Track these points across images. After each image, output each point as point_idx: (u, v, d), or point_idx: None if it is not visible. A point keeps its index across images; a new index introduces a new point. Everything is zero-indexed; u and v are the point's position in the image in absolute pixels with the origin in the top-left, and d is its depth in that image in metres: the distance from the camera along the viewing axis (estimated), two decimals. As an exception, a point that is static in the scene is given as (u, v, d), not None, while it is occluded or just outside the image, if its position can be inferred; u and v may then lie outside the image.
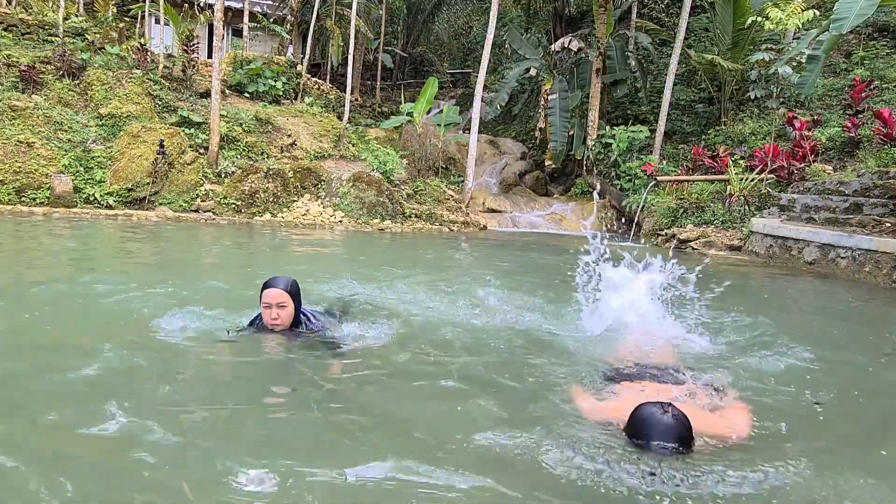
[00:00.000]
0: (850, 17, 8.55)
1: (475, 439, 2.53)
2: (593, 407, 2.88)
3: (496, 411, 2.92)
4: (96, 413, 2.58)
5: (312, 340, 3.68)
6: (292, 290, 3.62)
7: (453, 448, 2.50)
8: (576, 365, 3.72)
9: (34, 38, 15.49)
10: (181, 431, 2.51)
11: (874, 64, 15.54)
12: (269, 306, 3.56)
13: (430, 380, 3.37)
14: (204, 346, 3.67)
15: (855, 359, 4.35)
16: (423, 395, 3.19)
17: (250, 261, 8.35)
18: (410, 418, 2.85)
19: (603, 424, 2.69)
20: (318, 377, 3.29)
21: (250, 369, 3.47)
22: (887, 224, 8.46)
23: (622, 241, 13.17)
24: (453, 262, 9.49)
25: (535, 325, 4.74)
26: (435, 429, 2.72)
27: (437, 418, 2.87)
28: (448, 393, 3.16)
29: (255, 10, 21.30)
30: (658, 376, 3.20)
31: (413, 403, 3.06)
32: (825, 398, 3.36)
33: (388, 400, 3.09)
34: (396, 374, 3.45)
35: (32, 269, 6.45)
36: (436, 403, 3.05)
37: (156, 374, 3.16)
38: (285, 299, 3.56)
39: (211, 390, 3.14)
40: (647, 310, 4.27)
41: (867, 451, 2.76)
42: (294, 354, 3.55)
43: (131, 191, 12.12)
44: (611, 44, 17.25)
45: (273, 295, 3.56)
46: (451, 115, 18.19)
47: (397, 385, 3.31)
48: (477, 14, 28.97)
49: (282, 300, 3.55)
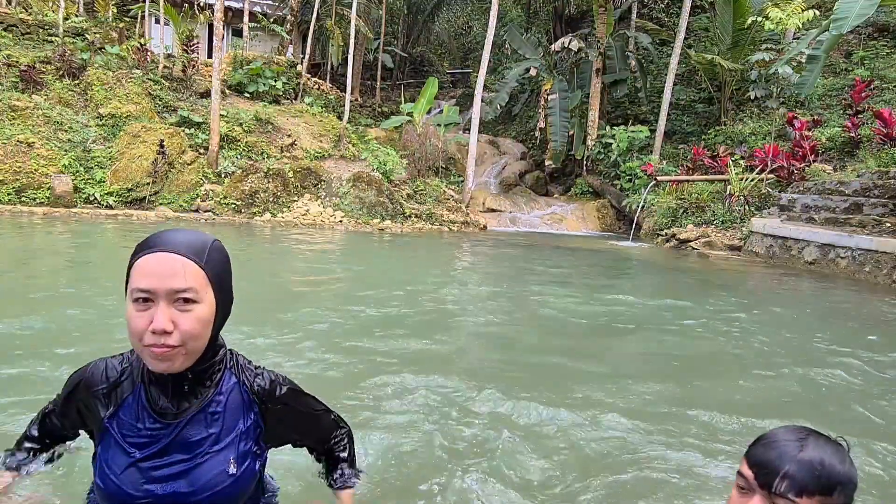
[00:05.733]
0: (850, 17, 8.56)
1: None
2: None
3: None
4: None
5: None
6: (213, 269, 1.23)
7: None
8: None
9: (34, 38, 15.48)
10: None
11: (874, 64, 15.54)
12: (145, 300, 1.16)
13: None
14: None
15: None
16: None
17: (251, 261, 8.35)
18: None
19: None
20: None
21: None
22: (887, 224, 8.45)
23: (622, 241, 13.17)
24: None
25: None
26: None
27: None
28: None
29: (255, 10, 21.29)
30: None
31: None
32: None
33: None
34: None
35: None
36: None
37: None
38: (194, 285, 1.18)
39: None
40: None
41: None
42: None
43: (131, 191, 12.12)
44: (611, 44, 17.26)
45: (161, 271, 1.16)
46: (451, 115, 18.20)
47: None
48: (477, 14, 28.95)
49: (184, 286, 1.16)
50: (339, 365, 3.65)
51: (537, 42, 21.30)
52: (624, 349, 4.60)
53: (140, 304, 1.15)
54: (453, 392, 3.27)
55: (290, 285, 6.56)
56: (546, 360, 4.11)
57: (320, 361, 3.69)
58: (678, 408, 3.22)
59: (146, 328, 1.14)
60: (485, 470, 2.42)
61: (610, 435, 2.83)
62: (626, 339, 4.89)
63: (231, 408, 1.30)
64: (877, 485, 2.47)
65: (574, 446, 2.70)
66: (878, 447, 2.78)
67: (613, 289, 7.41)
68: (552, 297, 6.35)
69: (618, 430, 2.88)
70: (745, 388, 3.64)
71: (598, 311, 5.84)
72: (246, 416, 1.32)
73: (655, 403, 3.29)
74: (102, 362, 1.34)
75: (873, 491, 2.39)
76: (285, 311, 4.91)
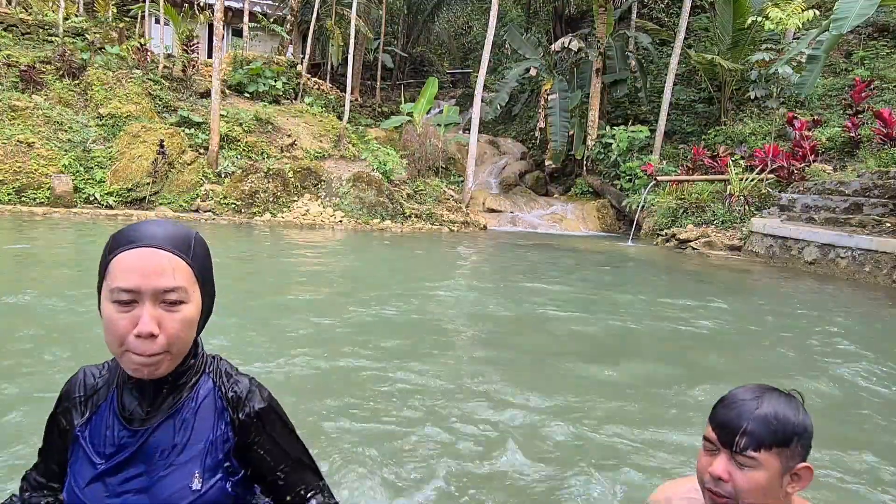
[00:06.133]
0: (850, 17, 8.55)
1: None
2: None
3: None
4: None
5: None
6: (199, 265, 1.13)
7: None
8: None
9: (34, 38, 15.48)
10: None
11: (874, 64, 15.54)
12: (128, 302, 1.05)
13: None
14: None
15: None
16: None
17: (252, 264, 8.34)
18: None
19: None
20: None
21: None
22: (887, 224, 8.45)
23: (622, 241, 13.17)
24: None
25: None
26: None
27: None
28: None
29: (255, 10, 21.29)
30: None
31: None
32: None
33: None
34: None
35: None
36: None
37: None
38: (183, 283, 1.08)
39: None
40: None
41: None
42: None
43: (131, 191, 12.12)
44: (611, 44, 17.25)
45: (145, 268, 1.05)
46: (451, 115, 18.20)
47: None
48: (477, 14, 28.96)
49: (172, 285, 1.06)
50: (340, 365, 3.65)
51: (537, 42, 21.30)
52: (624, 349, 4.60)
53: (121, 306, 1.03)
54: (453, 392, 3.27)
55: (290, 285, 6.56)
56: (546, 360, 4.11)
57: (320, 362, 3.68)
58: (678, 410, 3.22)
59: (129, 331, 1.03)
60: (484, 469, 2.42)
61: (609, 433, 2.83)
62: (626, 340, 4.89)
63: (202, 415, 1.16)
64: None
65: (574, 446, 2.70)
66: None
67: (613, 289, 7.41)
68: (552, 297, 6.35)
69: (612, 426, 2.88)
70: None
71: (598, 311, 5.84)
72: (216, 426, 1.16)
73: (655, 404, 3.29)
74: (82, 370, 1.23)
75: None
76: (285, 312, 4.91)
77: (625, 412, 3.11)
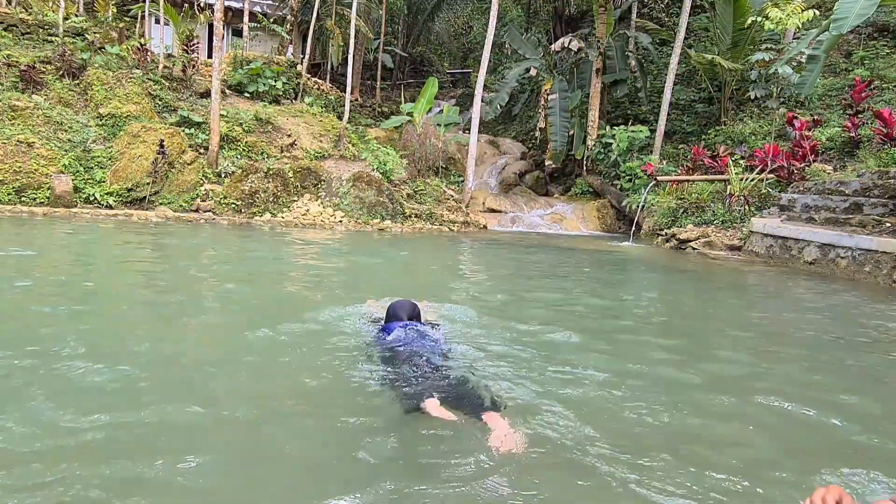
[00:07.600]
0: (850, 17, 8.57)
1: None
2: None
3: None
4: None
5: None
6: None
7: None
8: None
9: (34, 38, 15.49)
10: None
11: (874, 64, 15.54)
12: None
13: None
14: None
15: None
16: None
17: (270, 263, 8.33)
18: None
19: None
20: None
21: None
22: (887, 224, 8.46)
23: (622, 241, 13.18)
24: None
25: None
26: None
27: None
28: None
29: (255, 10, 21.31)
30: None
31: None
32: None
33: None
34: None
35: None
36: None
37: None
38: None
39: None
40: None
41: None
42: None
43: (131, 191, 12.12)
44: (611, 44, 17.26)
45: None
46: (451, 115, 18.21)
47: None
48: (477, 14, 28.99)
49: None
50: (339, 365, 3.65)
51: (537, 42, 21.31)
52: (622, 348, 4.60)
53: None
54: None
55: (291, 285, 6.56)
56: (546, 360, 4.10)
57: (319, 361, 3.68)
58: (679, 410, 3.22)
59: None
60: (485, 469, 2.42)
61: (611, 432, 2.83)
62: (624, 339, 4.88)
63: None
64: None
65: (573, 445, 2.70)
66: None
67: (613, 288, 7.41)
68: (552, 297, 6.35)
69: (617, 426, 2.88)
70: (749, 381, 3.65)
71: (598, 311, 5.84)
72: None
73: (656, 403, 3.29)
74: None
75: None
76: (284, 312, 4.91)
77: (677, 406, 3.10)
